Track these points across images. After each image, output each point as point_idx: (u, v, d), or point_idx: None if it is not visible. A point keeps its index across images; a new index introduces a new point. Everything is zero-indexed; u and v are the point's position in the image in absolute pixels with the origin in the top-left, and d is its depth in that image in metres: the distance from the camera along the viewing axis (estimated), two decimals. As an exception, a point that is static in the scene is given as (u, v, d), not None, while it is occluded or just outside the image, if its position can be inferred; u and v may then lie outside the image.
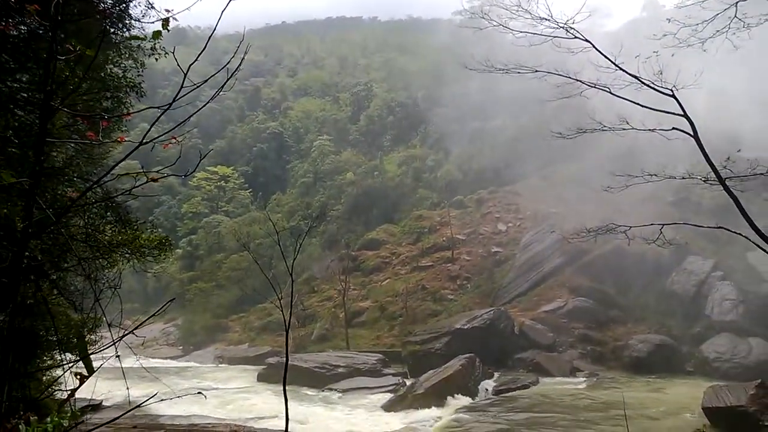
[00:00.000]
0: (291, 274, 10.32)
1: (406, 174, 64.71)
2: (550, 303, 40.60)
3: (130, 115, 6.35)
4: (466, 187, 59.94)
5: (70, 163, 10.48)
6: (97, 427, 4.00)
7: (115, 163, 4.60)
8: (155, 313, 4.14)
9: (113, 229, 10.70)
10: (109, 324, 4.72)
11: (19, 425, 2.64)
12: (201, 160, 4.83)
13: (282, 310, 11.49)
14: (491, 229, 53.42)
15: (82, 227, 9.51)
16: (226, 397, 28.63)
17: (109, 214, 10.67)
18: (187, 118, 4.83)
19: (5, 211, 5.87)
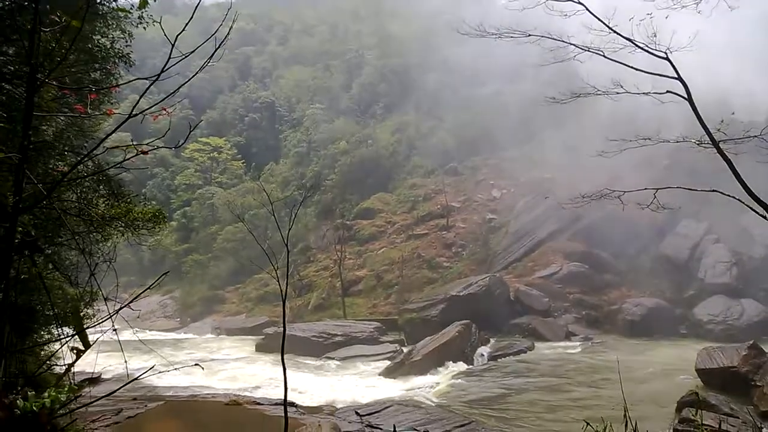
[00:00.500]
0: (287, 245, 10.33)
1: (399, 142, 64.30)
2: (545, 269, 40.96)
3: (118, 86, 6.25)
4: (461, 155, 59.67)
5: (60, 137, 10.36)
6: (96, 399, 4.03)
7: (105, 136, 4.53)
8: (150, 286, 4.13)
9: (106, 202, 10.64)
10: (105, 297, 4.73)
11: (17, 400, 2.65)
12: (191, 131, 4.77)
13: (278, 281, 11.53)
14: (486, 196, 53.45)
15: (75, 201, 9.45)
16: (225, 367, 28.97)
17: (101, 187, 10.60)
18: (176, 89, 4.74)
19: (-5, 186, 5.81)
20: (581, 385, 22.76)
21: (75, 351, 3.12)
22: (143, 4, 3.13)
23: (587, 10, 11.04)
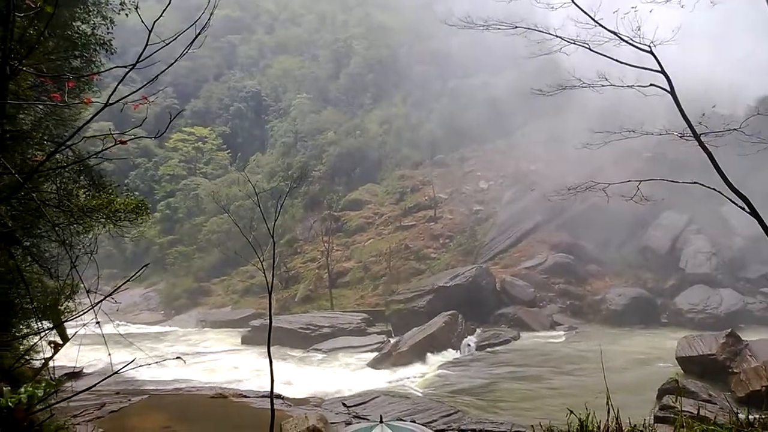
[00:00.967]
0: (272, 236, 10.30)
1: (387, 133, 64.08)
2: (531, 259, 41.27)
3: (97, 74, 6.14)
4: (448, 146, 59.64)
5: (39, 126, 10.17)
6: (76, 393, 4.00)
7: (82, 125, 4.44)
8: (130, 278, 4.09)
9: (87, 193, 10.48)
10: (87, 290, 4.67)
11: (-9, 396, 2.61)
12: (172, 120, 4.71)
13: (264, 273, 11.50)
14: (473, 187, 53.58)
15: (55, 192, 9.30)
16: (211, 360, 28.88)
17: (82, 178, 10.43)
18: (155, 77, 4.67)
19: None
20: (565, 373, 23.02)
21: (53, 345, 3.08)
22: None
23: (573, 2, 11.05)
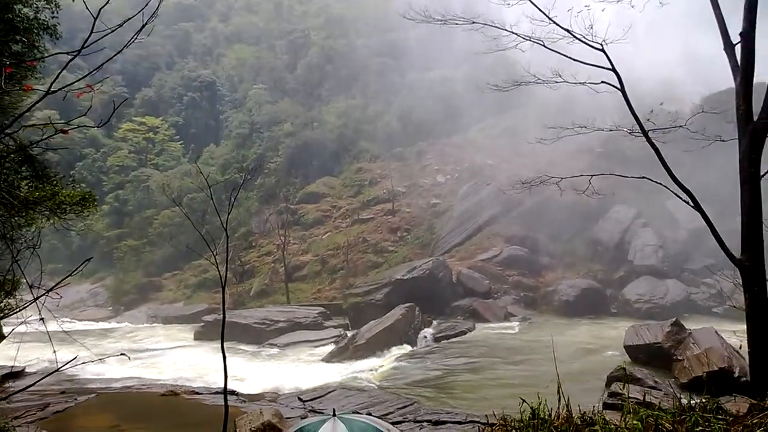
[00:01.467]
0: (226, 229, 10.08)
1: (346, 125, 63.75)
2: (486, 252, 41.90)
3: (38, 61, 5.84)
4: (406, 139, 59.80)
5: (-25, 114, 9.66)
6: (13, 393, 3.81)
7: (22, 113, 4.21)
8: (72, 273, 3.92)
9: (30, 184, 10.02)
10: (30, 285, 4.46)
11: None
12: (116, 108, 4.54)
13: (218, 267, 11.26)
14: (431, 180, 53.94)
15: (-6, 183, 8.86)
16: (162, 357, 28.20)
17: (24, 168, 9.97)
18: (101, 65, 4.48)
19: None
20: (518, 363, 23.49)
21: (-12, 345, 2.93)
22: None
23: (530, 0, 11.21)
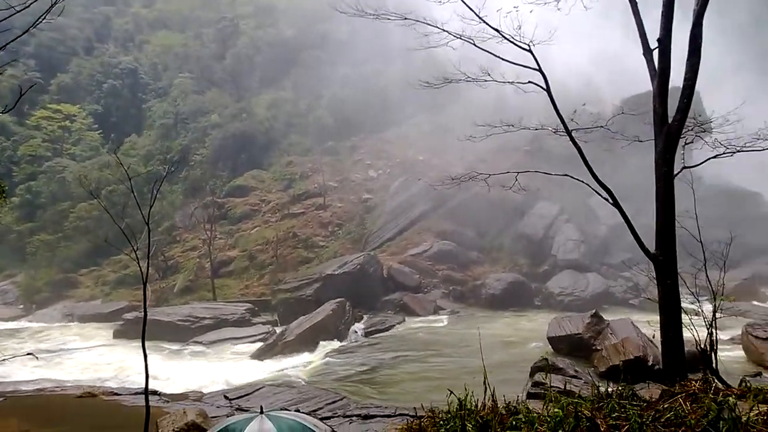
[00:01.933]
0: (148, 223, 9.61)
1: (276, 118, 62.53)
2: (417, 247, 42.45)
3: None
4: (338, 133, 59.42)
5: None
6: None
7: None
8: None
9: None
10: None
11: None
12: (23, 94, 4.19)
13: (139, 262, 10.71)
14: (362, 175, 53.96)
15: None
16: (78, 357, 26.77)
17: None
18: (3, 46, 4.11)
19: None
20: (447, 355, 23.97)
21: None
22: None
23: (461, -1, 11.34)
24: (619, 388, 6.64)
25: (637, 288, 35.60)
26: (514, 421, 5.36)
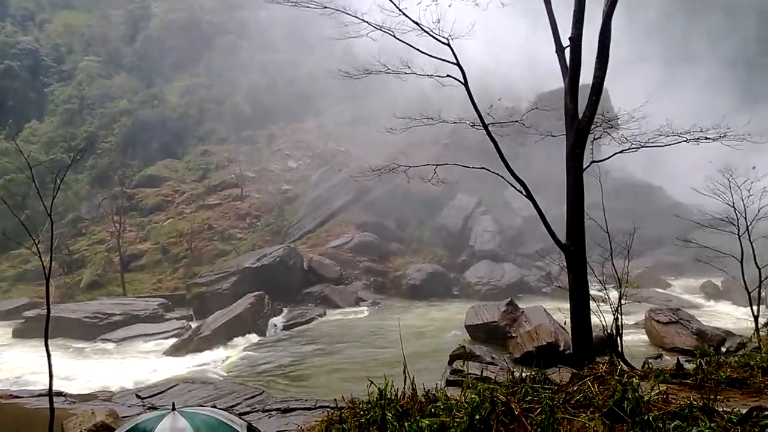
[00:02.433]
0: (50, 215, 8.95)
1: (190, 104, 60.10)
2: (338, 239, 42.39)
3: None
4: (256, 122, 58.10)
5: None
6: None
7: None
8: None
9: None
10: None
11: None
12: None
13: (41, 256, 9.97)
14: (282, 166, 53.15)
15: None
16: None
17: None
18: None
19: None
20: (367, 346, 24.11)
21: None
22: None
23: (380, -11, 11.29)
24: (533, 372, 6.91)
25: (549, 277, 37.22)
26: (433, 409, 5.43)
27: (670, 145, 10.74)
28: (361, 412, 5.70)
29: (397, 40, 11.30)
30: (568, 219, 10.37)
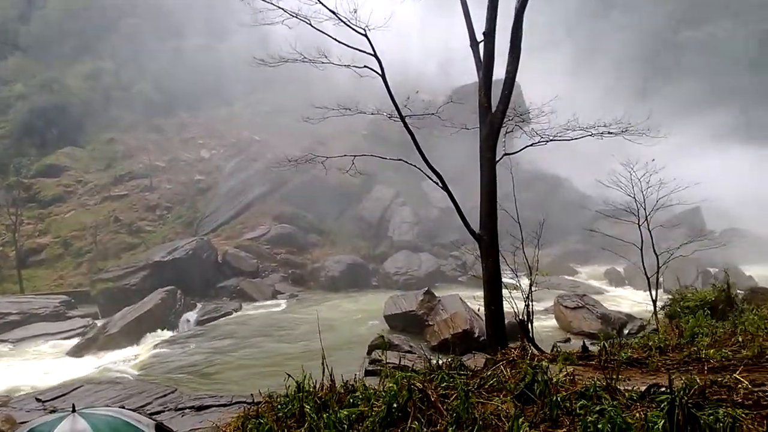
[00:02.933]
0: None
1: (94, 90, 56.48)
2: (254, 230, 41.54)
3: None
4: (167, 110, 55.69)
5: None
6: None
7: None
8: None
9: None
10: None
11: None
12: None
13: None
14: (194, 155, 51.30)
15: None
16: None
17: None
18: None
19: None
20: (285, 340, 23.86)
21: None
22: None
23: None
24: (449, 359, 7.07)
25: (465, 266, 38.34)
26: (352, 399, 5.44)
27: (576, 138, 11.31)
28: (279, 406, 5.62)
29: (313, 28, 11.16)
30: (482, 210, 10.69)
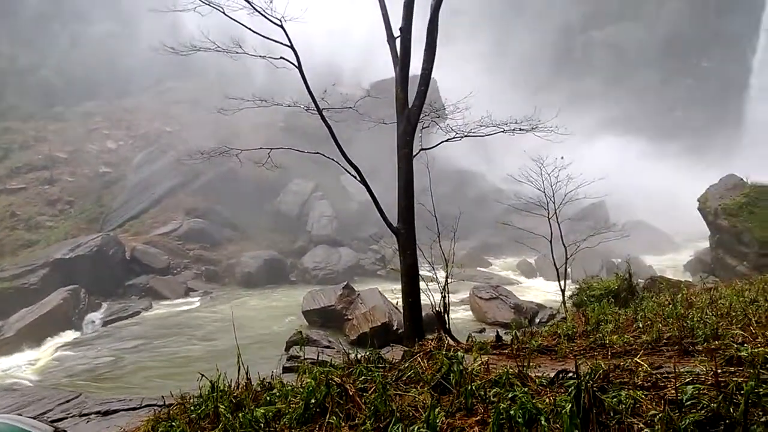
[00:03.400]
0: None
1: (-14, 75, 52.16)
2: (165, 225, 39.87)
3: None
4: (69, 98, 52.25)
5: None
6: None
7: None
8: None
9: None
10: None
11: None
12: None
13: None
14: (99, 147, 48.39)
15: None
16: None
17: None
18: None
19: None
20: (199, 339, 23.15)
21: None
22: None
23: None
24: (368, 353, 7.09)
25: (384, 260, 38.67)
26: (269, 397, 5.35)
27: (489, 135, 11.68)
28: (192, 407, 5.42)
29: (227, 16, 10.83)
30: (400, 204, 10.82)
